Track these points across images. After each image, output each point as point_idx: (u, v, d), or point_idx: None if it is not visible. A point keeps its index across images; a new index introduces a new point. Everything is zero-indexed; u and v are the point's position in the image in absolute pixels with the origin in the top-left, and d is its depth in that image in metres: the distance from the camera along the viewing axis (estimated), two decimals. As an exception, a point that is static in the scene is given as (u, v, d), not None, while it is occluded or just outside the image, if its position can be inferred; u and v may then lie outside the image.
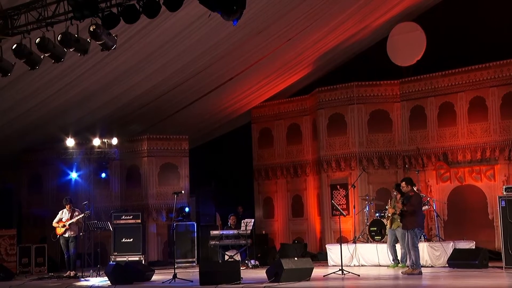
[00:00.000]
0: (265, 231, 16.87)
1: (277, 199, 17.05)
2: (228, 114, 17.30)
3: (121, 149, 15.94)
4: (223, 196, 17.61)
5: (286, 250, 14.98)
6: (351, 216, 14.81)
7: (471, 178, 14.35)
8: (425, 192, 14.35)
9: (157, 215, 15.96)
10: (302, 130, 16.75)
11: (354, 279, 10.51)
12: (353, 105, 15.45)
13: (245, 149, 17.73)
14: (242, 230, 13.55)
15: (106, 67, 12.14)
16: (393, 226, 12.08)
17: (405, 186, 10.90)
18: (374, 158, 15.38)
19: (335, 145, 15.66)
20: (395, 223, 12.02)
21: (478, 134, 14.30)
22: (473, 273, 10.64)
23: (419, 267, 10.70)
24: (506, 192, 11.18)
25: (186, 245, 15.02)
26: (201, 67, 13.54)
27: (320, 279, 10.62)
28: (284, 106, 17.11)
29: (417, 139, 15.13)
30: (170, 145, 16.26)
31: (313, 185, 16.40)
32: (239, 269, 10.11)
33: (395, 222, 12.02)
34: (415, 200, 10.75)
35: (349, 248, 13.09)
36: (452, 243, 12.29)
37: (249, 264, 13.44)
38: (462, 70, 14.55)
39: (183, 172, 16.22)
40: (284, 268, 9.63)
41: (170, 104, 15.27)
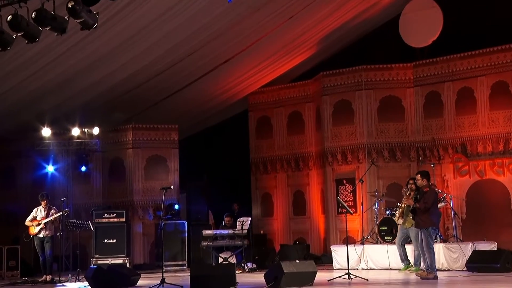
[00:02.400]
0: (263, 230, 16.90)
1: (276, 195, 17.05)
2: (222, 101, 17.28)
3: (103, 140, 15.90)
4: (216, 192, 17.61)
5: (287, 252, 14.99)
6: (358, 214, 14.81)
7: (492, 172, 14.34)
8: (441, 188, 14.34)
9: (144, 213, 15.97)
10: (305, 118, 16.74)
11: (362, 284, 10.50)
12: (361, 91, 15.42)
13: (241, 140, 17.73)
14: (237, 229, 13.56)
15: (86, 48, 12.09)
16: (406, 224, 12.05)
17: (420, 179, 10.86)
18: (384, 149, 15.36)
19: (341, 136, 15.64)
20: (408, 221, 11.99)
21: (501, 122, 14.28)
22: (495, 277, 10.63)
23: (434, 271, 10.69)
24: (531, 187, 11.15)
25: (176, 246, 15.04)
26: (192, 48, 13.51)
27: (324, 284, 10.61)
28: (285, 92, 17.09)
29: (432, 128, 15.11)
30: (158, 135, 16.26)
31: (316, 180, 16.39)
32: (234, 273, 10.10)
33: (408, 220, 11.99)
34: (429, 196, 10.72)
35: (357, 249, 13.09)
36: (471, 244, 12.30)
37: (246, 268, 13.45)
38: (482, 52, 14.51)
39: (172, 165, 16.23)
40: (285, 272, 9.63)
41: (158, 90, 15.25)
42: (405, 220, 12.06)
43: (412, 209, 11.01)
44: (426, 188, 10.85)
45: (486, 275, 10.98)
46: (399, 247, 12.22)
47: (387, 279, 11.34)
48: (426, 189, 10.83)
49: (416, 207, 10.76)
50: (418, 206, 10.71)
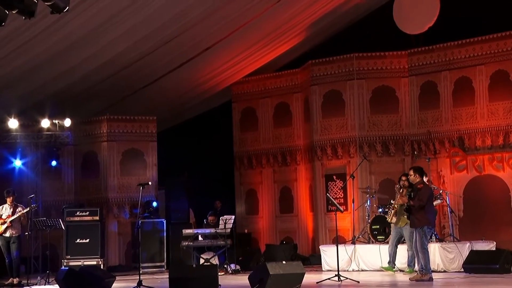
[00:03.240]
0: (247, 229, 16.91)
1: (262, 191, 17.05)
2: (204, 91, 17.24)
3: (75, 132, 15.85)
4: (197, 189, 17.59)
5: (273, 252, 15.00)
6: (349, 212, 14.82)
7: (491, 167, 14.40)
8: (437, 184, 14.39)
9: (119, 211, 15.91)
10: (292, 110, 16.74)
11: (353, 286, 10.51)
12: (352, 81, 15.42)
13: (225, 133, 17.72)
14: (220, 228, 13.55)
15: (57, 34, 12.00)
16: (400, 223, 12.08)
17: (412, 175, 10.88)
18: (377, 143, 15.39)
19: (331, 128, 15.65)
20: (402, 220, 12.02)
21: (500, 114, 14.34)
22: (493, 279, 10.68)
23: (429, 272, 10.72)
24: (533, 183, 11.21)
25: (154, 246, 15.01)
26: (171, 34, 13.45)
27: (312, 286, 10.61)
28: (271, 82, 17.07)
29: (428, 120, 15.15)
30: (135, 127, 16.22)
31: (304, 176, 16.39)
32: (216, 275, 10.10)
33: (402, 218, 12.01)
34: (424, 193, 10.74)
35: (347, 249, 13.10)
36: (468, 244, 12.34)
37: (229, 269, 13.45)
38: (482, 39, 14.55)
39: (150, 159, 16.20)
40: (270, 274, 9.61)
41: (135, 79, 15.18)
42: (398, 219, 12.08)
43: (407, 208, 11.02)
44: (420, 185, 10.86)
45: (484, 276, 11.03)
46: (392, 247, 12.24)
47: (379, 281, 11.36)
48: (420, 186, 10.84)
49: (410, 205, 10.77)
50: (412, 204, 10.72)
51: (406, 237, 12.00)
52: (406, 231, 11.94)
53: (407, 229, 11.87)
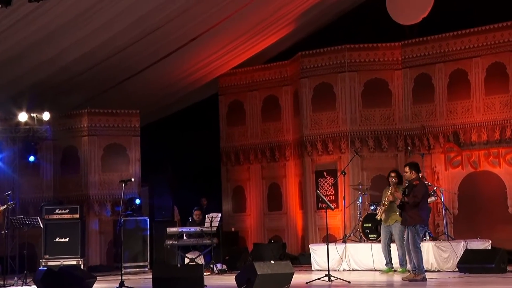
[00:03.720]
0: (234, 228, 16.89)
1: (249, 188, 17.04)
2: (189, 83, 17.21)
3: (54, 126, 15.78)
4: (182, 185, 17.58)
5: (261, 252, 15.01)
6: (340, 209, 14.83)
7: (487, 163, 14.45)
8: (431, 180, 14.42)
9: (100, 208, 15.86)
10: (281, 103, 16.73)
11: (344, 286, 10.52)
12: (343, 73, 15.42)
13: (211, 127, 17.70)
14: (206, 227, 13.53)
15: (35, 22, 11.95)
16: (389, 221, 12.10)
17: (408, 171, 10.87)
18: (369, 138, 15.40)
19: (322, 123, 15.65)
20: (391, 218, 12.05)
21: (497, 108, 14.38)
22: (489, 279, 10.71)
23: (422, 272, 10.74)
24: (530, 180, 11.26)
25: (137, 245, 14.98)
26: (156, 24, 13.42)
27: (302, 286, 10.61)
28: (259, 74, 17.05)
29: (422, 115, 15.18)
30: (117, 121, 16.16)
31: (294, 172, 16.39)
32: (202, 275, 10.08)
33: (391, 216, 12.04)
34: (419, 190, 10.75)
35: (338, 249, 13.11)
36: (463, 243, 12.37)
37: (215, 269, 13.44)
38: (478, 30, 14.59)
39: (133, 155, 16.15)
40: (258, 274, 9.60)
41: (117, 71, 15.14)
42: (387, 216, 12.11)
43: (400, 204, 11.03)
44: (416, 181, 10.87)
45: (480, 276, 11.07)
46: (385, 247, 12.25)
47: (370, 281, 11.38)
48: (416, 182, 10.85)
49: (405, 202, 10.78)
50: (407, 200, 10.73)
51: (396, 235, 12.03)
52: (396, 229, 11.98)
53: (397, 227, 11.93)
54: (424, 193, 10.82)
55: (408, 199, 10.73)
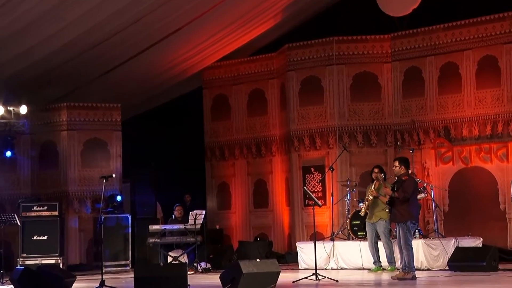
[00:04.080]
0: (219, 225, 16.90)
1: (235, 185, 17.03)
2: (172, 76, 17.17)
3: (32, 120, 15.69)
4: (165, 182, 17.54)
5: (246, 250, 15.02)
6: (328, 206, 14.86)
7: (478, 159, 14.52)
8: (421, 177, 14.46)
9: (80, 205, 15.81)
10: (267, 97, 16.72)
11: (331, 285, 10.53)
12: (332, 66, 15.44)
13: (195, 122, 17.67)
14: (190, 224, 13.52)
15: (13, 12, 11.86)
16: (373, 219, 12.14)
17: (398, 166, 10.89)
18: (357, 133, 15.42)
19: (309, 117, 15.66)
20: (375, 215, 12.09)
21: (488, 103, 14.44)
22: (480, 277, 10.76)
23: (412, 271, 10.77)
24: (522, 176, 11.32)
25: (118, 244, 14.96)
26: (138, 14, 13.37)
27: (288, 286, 10.62)
28: (245, 67, 17.04)
29: (412, 109, 15.22)
30: (98, 115, 16.12)
31: (280, 168, 16.39)
32: (185, 274, 10.06)
33: (375, 213, 12.08)
34: (409, 185, 10.78)
35: (326, 247, 13.13)
36: (453, 240, 12.43)
37: (199, 268, 13.43)
38: (469, 22, 14.63)
39: (114, 150, 16.13)
40: (243, 273, 9.59)
41: (98, 63, 15.07)
42: (371, 214, 12.16)
43: (389, 201, 11.06)
44: (405, 177, 10.90)
45: (471, 274, 11.12)
46: (372, 245, 12.27)
47: (359, 280, 11.40)
48: (405, 178, 10.87)
49: (395, 197, 10.80)
50: (396, 195, 10.75)
51: (381, 233, 12.07)
52: (380, 226, 12.03)
53: (381, 224, 11.99)
54: (413, 189, 10.85)
55: (398, 195, 10.75)
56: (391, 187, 11.06)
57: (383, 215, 12.01)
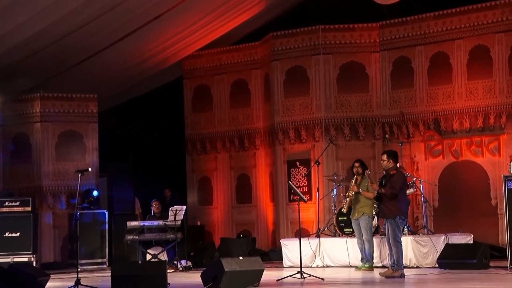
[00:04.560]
0: (200, 221, 16.88)
1: (216, 179, 17.02)
2: (152, 66, 17.12)
3: (3, 112, 15.62)
4: (144, 176, 17.49)
5: (228, 247, 15.05)
6: (314, 202, 14.88)
7: (469, 152, 14.58)
8: (410, 171, 14.51)
9: (54, 201, 15.75)
10: (251, 88, 16.71)
11: (317, 284, 10.55)
12: (318, 56, 15.44)
13: (175, 113, 17.64)
14: (169, 220, 13.51)
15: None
16: (356, 215, 12.20)
17: (386, 160, 10.92)
18: (344, 126, 15.45)
19: (294, 109, 15.67)
20: (358, 211, 12.16)
21: (480, 94, 14.50)
22: (471, 275, 10.83)
23: (401, 268, 10.80)
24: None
25: (94, 241, 14.90)
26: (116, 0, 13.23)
27: (272, 284, 10.62)
28: (227, 57, 17.01)
29: (400, 101, 15.25)
30: (73, 106, 16.06)
31: (264, 162, 16.39)
32: (165, 273, 10.02)
33: (358, 209, 12.15)
34: (397, 180, 10.80)
35: (311, 243, 13.15)
36: (443, 237, 12.49)
37: (179, 266, 13.42)
38: (460, 11, 14.68)
39: (90, 143, 16.08)
40: (225, 271, 9.59)
41: (73, 51, 14.98)
42: (354, 210, 12.24)
43: (377, 196, 11.10)
44: (393, 171, 10.92)
45: (461, 272, 11.17)
46: (361, 242, 12.31)
47: (346, 278, 11.43)
48: (393, 172, 10.89)
49: (381, 193, 10.82)
50: (383, 191, 10.78)
51: (363, 228, 12.13)
52: (363, 221, 12.12)
53: (364, 220, 12.08)
54: (402, 183, 10.88)
55: (385, 190, 10.77)
56: (378, 182, 11.08)
57: (366, 210, 12.08)
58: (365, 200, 12.08)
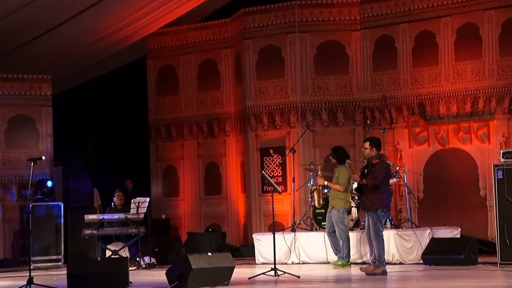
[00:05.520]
0: (165, 215, 16.87)
1: (183, 168, 17.02)
2: (112, 44, 17.04)
3: None
4: (104, 165, 17.43)
5: (196, 242, 15.10)
6: (289, 193, 14.91)
7: (457, 139, 14.68)
8: (393, 159, 14.60)
9: (4, 192, 15.67)
10: (220, 69, 16.69)
11: (292, 282, 10.57)
12: (293, 34, 15.47)
13: (138, 97, 17.60)
14: (132, 213, 13.49)
15: None
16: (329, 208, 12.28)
17: (368, 148, 10.92)
18: (322, 110, 15.49)
19: (268, 92, 15.68)
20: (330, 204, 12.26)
21: (468, 76, 14.60)
22: (457, 271, 10.89)
23: (383, 265, 10.85)
24: (504, 158, 11.42)
25: (48, 236, 14.89)
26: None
27: (244, 282, 10.63)
28: (195, 35, 16.97)
29: (383, 83, 15.32)
30: (24, 88, 15.97)
31: (235, 149, 16.40)
32: (127, 270, 9.99)
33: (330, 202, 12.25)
34: (380, 170, 10.82)
35: (286, 238, 13.17)
36: (429, 231, 12.58)
37: (142, 263, 13.42)
38: (447, -15, 14.76)
39: (44, 128, 16.02)
40: (193, 268, 9.58)
41: (25, 27, 14.89)
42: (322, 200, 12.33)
43: (358, 187, 11.14)
44: (376, 160, 10.93)
45: (447, 268, 11.23)
46: (328, 236, 12.39)
47: (323, 275, 11.46)
48: (375, 161, 10.91)
49: (363, 184, 10.86)
50: (365, 182, 10.81)
51: (334, 223, 12.20)
52: (334, 216, 12.18)
53: (334, 214, 12.15)
54: (385, 174, 10.90)
55: (367, 181, 10.80)
56: (360, 172, 11.10)
57: (335, 204, 12.14)
58: (336, 192, 12.15)
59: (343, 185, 12.10)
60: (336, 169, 12.35)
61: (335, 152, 12.38)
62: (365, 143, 11.02)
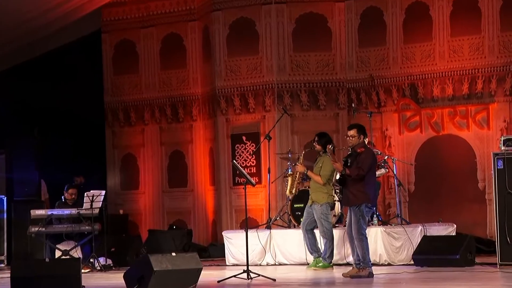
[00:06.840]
0: (123, 210, 16.89)
1: (144, 157, 17.05)
2: (61, 16, 16.91)
3: None
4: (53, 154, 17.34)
5: (158, 241, 15.15)
6: (263, 185, 14.96)
7: (452, 125, 14.80)
8: (381, 147, 14.68)
9: None
10: (186, 44, 16.70)
11: (267, 285, 10.62)
12: (269, 5, 15.55)
13: (91, 76, 17.56)
14: (85, 208, 13.43)
15: None
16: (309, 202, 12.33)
17: (356, 135, 10.89)
18: (302, 92, 15.53)
19: (240, 70, 15.72)
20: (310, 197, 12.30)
21: (466, 54, 14.71)
22: (452, 273, 10.98)
23: (368, 266, 10.91)
24: (506, 146, 11.49)
25: (-10, 234, 14.78)
26: None
27: (212, 286, 10.68)
28: (156, 5, 16.98)
29: (370, 62, 15.39)
30: (-39, 66, 15.83)
31: (203, 136, 16.43)
32: (79, 273, 9.98)
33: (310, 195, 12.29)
34: (365, 160, 10.86)
35: (260, 236, 13.22)
36: (420, 228, 12.66)
37: (96, 264, 13.40)
38: (440, -51, 14.84)
39: (-16, 112, 15.87)
40: (155, 270, 9.60)
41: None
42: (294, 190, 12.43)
43: (340, 178, 11.12)
44: (361, 148, 10.96)
45: (441, 270, 11.33)
46: (305, 233, 12.43)
47: (302, 278, 11.52)
48: (360, 150, 10.94)
49: (346, 175, 10.88)
50: (348, 173, 10.83)
51: (316, 219, 12.21)
52: (317, 212, 12.20)
53: (317, 210, 12.16)
54: (371, 163, 10.93)
55: (350, 172, 10.83)
56: (343, 161, 11.13)
57: (317, 198, 12.17)
58: (317, 185, 12.19)
59: (324, 177, 12.10)
60: (320, 159, 12.31)
61: (321, 138, 12.24)
62: (352, 130, 10.91)
